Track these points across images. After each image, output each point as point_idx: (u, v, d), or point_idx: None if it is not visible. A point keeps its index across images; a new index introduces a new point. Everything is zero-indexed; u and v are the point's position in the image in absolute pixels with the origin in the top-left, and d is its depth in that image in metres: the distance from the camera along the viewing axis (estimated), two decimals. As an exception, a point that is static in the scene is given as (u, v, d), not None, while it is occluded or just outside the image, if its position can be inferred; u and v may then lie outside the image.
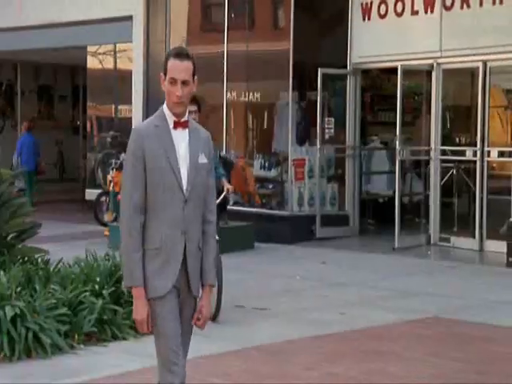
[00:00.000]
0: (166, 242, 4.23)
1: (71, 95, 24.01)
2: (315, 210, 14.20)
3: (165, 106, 4.33)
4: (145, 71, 16.51)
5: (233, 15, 15.23)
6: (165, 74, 4.29)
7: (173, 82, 4.24)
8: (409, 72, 13.48)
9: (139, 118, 16.05)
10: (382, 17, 13.78)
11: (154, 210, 4.24)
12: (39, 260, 8.37)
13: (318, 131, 14.16)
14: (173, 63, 4.27)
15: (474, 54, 12.41)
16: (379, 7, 13.78)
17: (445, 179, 13.16)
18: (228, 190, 8.78)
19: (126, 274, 4.30)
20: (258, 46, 15.05)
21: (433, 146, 13.27)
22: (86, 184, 18.47)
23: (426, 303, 9.12)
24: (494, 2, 12.20)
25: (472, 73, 12.76)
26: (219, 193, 8.27)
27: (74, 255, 8.56)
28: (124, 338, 7.31)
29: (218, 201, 7.29)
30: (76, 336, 7.13)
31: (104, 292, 7.51)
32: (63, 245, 12.20)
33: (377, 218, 15.38)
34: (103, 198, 14.77)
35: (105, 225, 14.05)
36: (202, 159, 4.31)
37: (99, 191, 15.35)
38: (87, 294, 7.44)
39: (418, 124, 14.27)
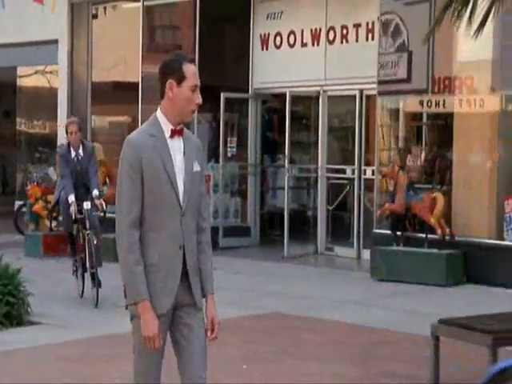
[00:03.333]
0: (165, 258, 4.08)
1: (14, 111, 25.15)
2: (219, 222, 15.59)
3: (159, 113, 4.14)
4: (69, 91, 17.83)
5: (147, 40, 16.70)
6: (177, 80, 4.08)
7: (194, 89, 4.09)
8: (299, 97, 14.96)
9: (64, 134, 17.38)
10: (278, 47, 15.23)
11: (150, 224, 4.08)
12: None
13: (220, 150, 15.56)
14: (190, 68, 4.09)
15: (351, 83, 13.92)
16: (275, 39, 15.23)
17: (333, 195, 14.64)
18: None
19: (128, 291, 4.09)
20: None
21: (320, 164, 14.74)
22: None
23: (282, 302, 10.36)
24: (366, 39, 13.72)
25: (351, 99, 14.23)
26: None
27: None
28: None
29: None
30: None
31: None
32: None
33: (282, 230, 16.80)
34: (24, 209, 16.00)
35: (23, 233, 15.31)
36: (196, 167, 4.18)
37: (21, 202, 16.63)
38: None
39: (310, 144, 15.73)
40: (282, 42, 15.16)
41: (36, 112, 19.37)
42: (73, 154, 10.38)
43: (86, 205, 10.10)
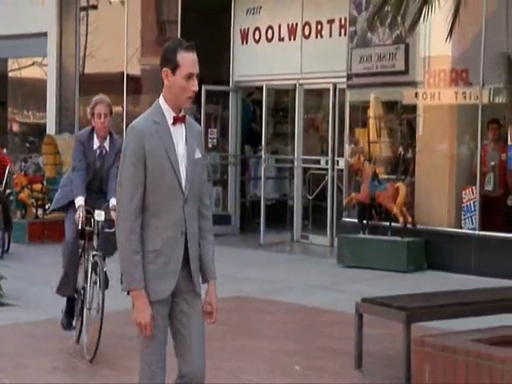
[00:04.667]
0: (167, 243, 4.11)
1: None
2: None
3: (161, 100, 4.16)
4: (57, 82, 18.36)
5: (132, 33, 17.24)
6: (173, 69, 4.10)
7: (190, 76, 4.09)
8: (278, 90, 15.47)
9: (53, 124, 18.04)
10: (257, 42, 15.74)
11: (153, 210, 4.11)
12: None
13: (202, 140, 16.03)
14: (186, 56, 4.10)
15: (325, 77, 14.42)
16: (254, 33, 15.74)
17: (310, 184, 15.15)
18: None
19: (125, 278, 4.14)
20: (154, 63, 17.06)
21: (296, 155, 15.25)
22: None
23: (251, 286, 10.83)
24: (340, 34, 14.21)
25: (325, 92, 14.73)
26: None
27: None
28: None
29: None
30: None
31: None
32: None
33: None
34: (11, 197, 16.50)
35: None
36: (198, 154, 4.21)
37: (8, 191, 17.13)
38: None
39: (288, 135, 16.23)
40: (260, 37, 15.67)
41: (26, 103, 19.94)
42: (95, 143, 7.46)
43: (98, 215, 7.11)
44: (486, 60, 11.47)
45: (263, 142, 15.20)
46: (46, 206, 14.70)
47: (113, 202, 7.00)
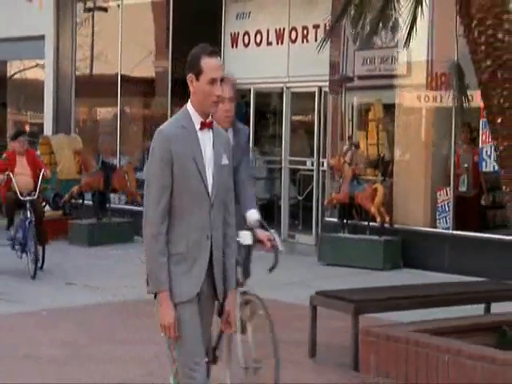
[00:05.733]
0: (192, 247, 4.15)
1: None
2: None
3: (189, 105, 4.21)
4: (54, 84, 18.83)
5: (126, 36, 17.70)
6: (197, 75, 4.14)
7: (213, 82, 4.13)
8: (267, 93, 15.90)
9: (50, 124, 18.51)
10: (246, 46, 16.14)
11: (180, 214, 4.14)
12: None
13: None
14: (208, 62, 4.14)
15: (311, 81, 14.83)
16: (244, 37, 16.16)
17: (300, 185, 15.56)
18: None
19: (151, 279, 4.19)
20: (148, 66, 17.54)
21: (283, 156, 15.67)
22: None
23: None
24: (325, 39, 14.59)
25: (312, 96, 15.14)
26: None
27: None
28: None
29: None
30: None
31: None
32: None
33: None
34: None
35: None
36: (225, 160, 4.25)
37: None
38: None
39: (275, 137, 16.64)
40: (249, 41, 16.08)
41: (26, 104, 20.45)
42: None
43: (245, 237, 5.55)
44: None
45: (251, 144, 15.60)
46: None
47: (252, 216, 5.73)
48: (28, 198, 11.53)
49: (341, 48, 13.75)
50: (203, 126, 4.18)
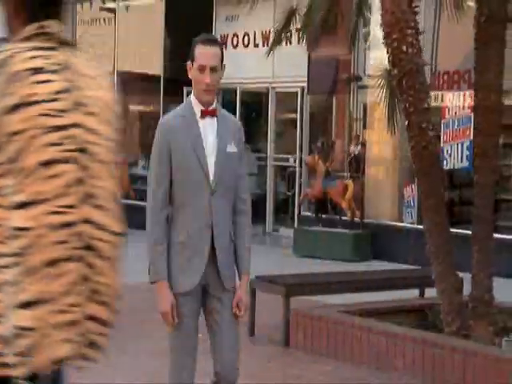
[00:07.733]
0: (192, 236, 4.12)
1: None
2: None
3: (192, 94, 4.22)
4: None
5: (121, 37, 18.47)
6: (192, 62, 4.16)
7: (201, 69, 4.12)
8: (249, 93, 16.64)
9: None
10: (235, 47, 16.87)
11: (180, 203, 4.15)
12: None
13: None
14: (201, 50, 4.16)
15: (294, 81, 15.53)
16: (232, 39, 16.89)
17: (289, 181, 16.26)
18: None
19: (151, 269, 4.19)
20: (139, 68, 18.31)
21: (268, 153, 16.37)
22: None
23: None
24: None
25: (294, 95, 15.84)
26: None
27: None
28: None
29: None
30: None
31: None
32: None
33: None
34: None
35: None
36: (231, 148, 4.17)
37: None
38: None
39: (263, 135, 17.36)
40: (238, 43, 16.80)
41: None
42: None
43: None
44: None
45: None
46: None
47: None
48: None
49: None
50: (204, 114, 4.17)
